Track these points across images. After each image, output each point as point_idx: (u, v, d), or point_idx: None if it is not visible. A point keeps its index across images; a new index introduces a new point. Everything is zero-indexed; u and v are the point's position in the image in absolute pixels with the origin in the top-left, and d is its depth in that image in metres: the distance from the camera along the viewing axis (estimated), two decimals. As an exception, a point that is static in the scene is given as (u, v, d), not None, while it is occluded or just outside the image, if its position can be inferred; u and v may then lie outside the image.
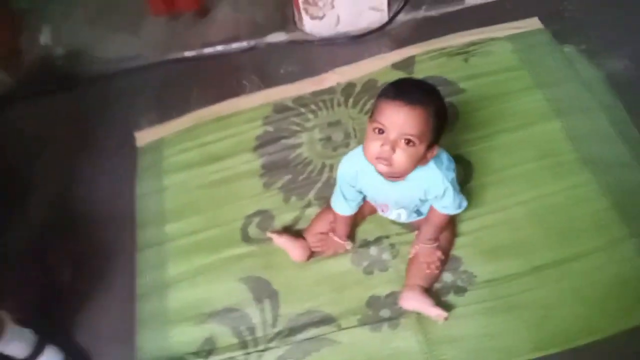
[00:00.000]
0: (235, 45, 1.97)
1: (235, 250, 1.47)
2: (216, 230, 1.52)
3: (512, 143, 1.53)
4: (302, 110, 1.73)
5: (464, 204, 1.23)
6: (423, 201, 1.22)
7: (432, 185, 1.15)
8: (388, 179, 1.14)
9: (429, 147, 1.06)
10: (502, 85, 1.67)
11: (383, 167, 1.06)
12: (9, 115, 1.94)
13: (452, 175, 1.16)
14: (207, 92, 1.85)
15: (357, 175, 1.21)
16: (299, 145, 1.65)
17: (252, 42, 1.97)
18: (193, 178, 1.64)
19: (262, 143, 1.68)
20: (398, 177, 1.14)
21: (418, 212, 1.30)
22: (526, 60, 1.71)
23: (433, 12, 1.94)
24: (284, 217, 1.50)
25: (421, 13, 1.95)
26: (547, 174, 1.45)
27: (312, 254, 1.41)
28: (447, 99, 1.63)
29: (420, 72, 1.74)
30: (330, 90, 1.76)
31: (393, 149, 1.03)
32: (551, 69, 1.68)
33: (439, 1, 1.96)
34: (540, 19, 1.82)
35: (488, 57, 1.75)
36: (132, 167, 1.71)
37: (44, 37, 2.11)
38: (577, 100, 1.59)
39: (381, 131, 1.03)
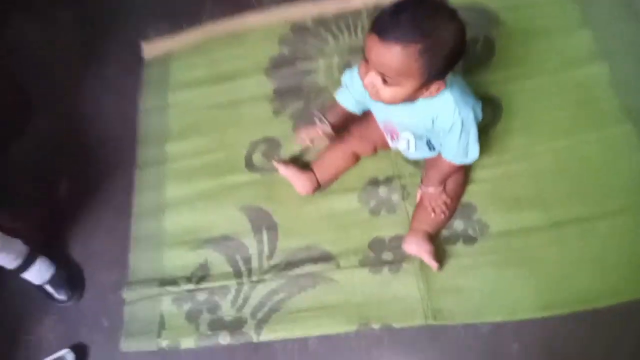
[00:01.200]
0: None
1: (238, 177, 1.39)
2: (219, 154, 1.44)
3: (549, 85, 1.38)
4: (323, 31, 1.59)
5: (473, 154, 1.09)
6: (430, 131, 1.09)
7: (442, 114, 1.02)
8: None
9: (425, 84, 0.93)
10: (547, 19, 1.48)
11: (371, 96, 0.97)
12: (14, 24, 1.84)
13: (470, 114, 1.03)
14: (222, 2, 1.71)
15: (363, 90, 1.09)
16: (314, 71, 1.52)
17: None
18: (199, 97, 1.54)
19: (276, 65, 1.55)
20: None
21: (429, 145, 1.19)
22: (589, 17, 1.50)
23: None
24: (292, 147, 1.41)
25: None
26: (583, 122, 1.31)
27: (317, 188, 1.32)
28: (484, 33, 1.49)
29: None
30: (356, 14, 1.60)
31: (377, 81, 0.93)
32: (605, 5, 1.48)
33: None
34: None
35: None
36: (138, 82, 1.61)
37: None
38: (629, 45, 1.41)
39: (366, 60, 0.93)
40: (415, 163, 1.31)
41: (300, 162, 1.38)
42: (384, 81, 0.92)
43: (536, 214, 1.22)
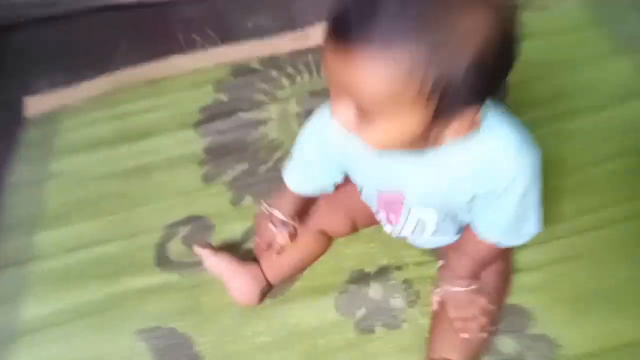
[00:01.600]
0: (188, -8, 1.41)
1: (143, 281, 0.88)
2: (115, 247, 0.92)
3: (595, 127, 0.98)
4: (274, 74, 1.17)
5: (533, 228, 0.65)
6: (465, 202, 0.64)
7: (491, 168, 0.58)
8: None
9: (443, 116, 0.49)
10: (571, 48, 1.12)
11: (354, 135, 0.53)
12: None
13: (537, 161, 0.59)
14: (141, 48, 1.29)
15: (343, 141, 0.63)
16: (264, 122, 1.08)
17: (214, -11, 1.42)
18: (95, 164, 1.06)
19: (210, 117, 1.10)
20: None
21: (458, 225, 0.72)
22: (605, 17, 1.17)
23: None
24: (230, 229, 0.92)
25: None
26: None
27: (267, 291, 0.82)
28: None
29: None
30: (318, 50, 1.19)
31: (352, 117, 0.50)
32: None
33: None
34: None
35: (546, 13, 1.20)
36: (10, 149, 1.12)
37: None
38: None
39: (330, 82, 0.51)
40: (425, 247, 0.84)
41: (240, 251, 0.88)
42: (362, 115, 0.49)
43: (629, 321, 0.74)
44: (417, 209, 0.68)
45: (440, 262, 0.77)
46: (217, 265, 0.80)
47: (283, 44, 1.23)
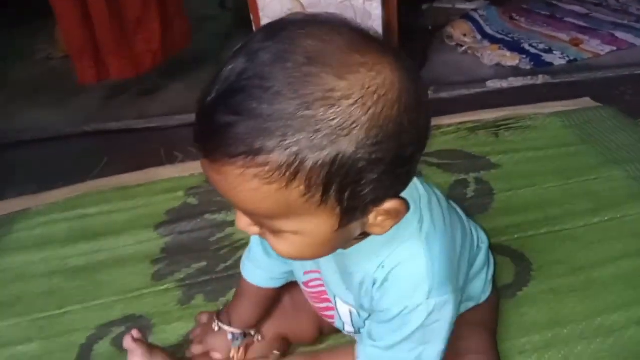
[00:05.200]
0: (177, 118, 1.45)
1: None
2: (33, 347, 0.77)
3: (588, 230, 0.89)
4: (249, 181, 1.12)
5: None
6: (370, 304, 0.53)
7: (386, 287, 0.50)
8: None
9: (343, 221, 0.42)
10: (560, 160, 1.10)
11: None
12: None
13: (446, 292, 0.49)
14: (121, 162, 1.27)
15: None
16: (232, 223, 0.99)
17: (202, 116, 1.46)
18: (40, 262, 0.95)
19: (174, 219, 1.03)
20: None
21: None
22: (587, 136, 1.17)
23: (444, 94, 1.46)
24: (172, 330, 0.77)
25: (429, 94, 1.47)
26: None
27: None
28: (474, 174, 1.07)
29: (431, 147, 1.17)
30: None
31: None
32: (629, 144, 1.12)
33: (452, 82, 1.50)
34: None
35: (529, 132, 1.21)
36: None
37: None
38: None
39: None
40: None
41: (177, 355, 0.72)
42: (263, 227, 0.44)
43: None
44: (338, 302, 0.59)
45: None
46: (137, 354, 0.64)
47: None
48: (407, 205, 0.44)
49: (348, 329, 0.62)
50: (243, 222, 0.45)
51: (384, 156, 0.38)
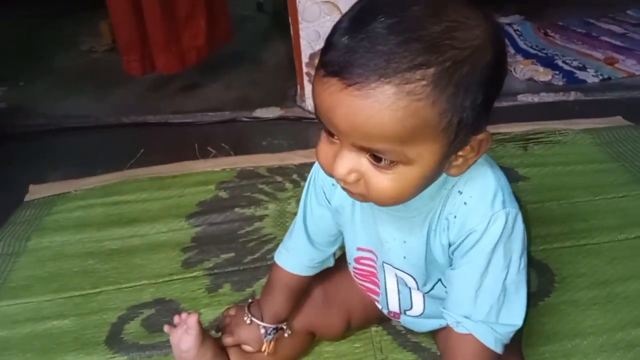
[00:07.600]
0: (212, 115, 1.50)
1: (83, 358, 0.74)
2: (67, 322, 0.81)
3: (613, 246, 0.89)
4: (279, 178, 1.15)
5: (516, 317, 0.52)
6: (445, 254, 0.54)
7: (467, 215, 0.51)
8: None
9: (454, 145, 0.44)
10: (588, 176, 1.10)
11: (355, 196, 0.48)
12: None
13: (520, 215, 0.52)
14: (157, 154, 1.32)
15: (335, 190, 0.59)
16: (260, 218, 1.03)
17: (235, 114, 1.50)
18: (77, 242, 1.00)
19: (205, 210, 1.06)
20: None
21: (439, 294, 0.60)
22: (617, 154, 1.17)
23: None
24: (200, 316, 0.80)
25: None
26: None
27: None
28: None
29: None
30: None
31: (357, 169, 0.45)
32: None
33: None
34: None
35: (558, 147, 1.21)
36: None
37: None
38: None
39: (331, 132, 0.45)
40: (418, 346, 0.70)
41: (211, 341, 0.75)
42: (376, 162, 0.44)
43: None
44: (390, 273, 0.60)
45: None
46: (192, 346, 0.66)
47: (292, 157, 1.24)
48: (492, 137, 0.47)
49: (392, 308, 0.64)
50: (346, 166, 0.44)
51: (498, 80, 0.45)
